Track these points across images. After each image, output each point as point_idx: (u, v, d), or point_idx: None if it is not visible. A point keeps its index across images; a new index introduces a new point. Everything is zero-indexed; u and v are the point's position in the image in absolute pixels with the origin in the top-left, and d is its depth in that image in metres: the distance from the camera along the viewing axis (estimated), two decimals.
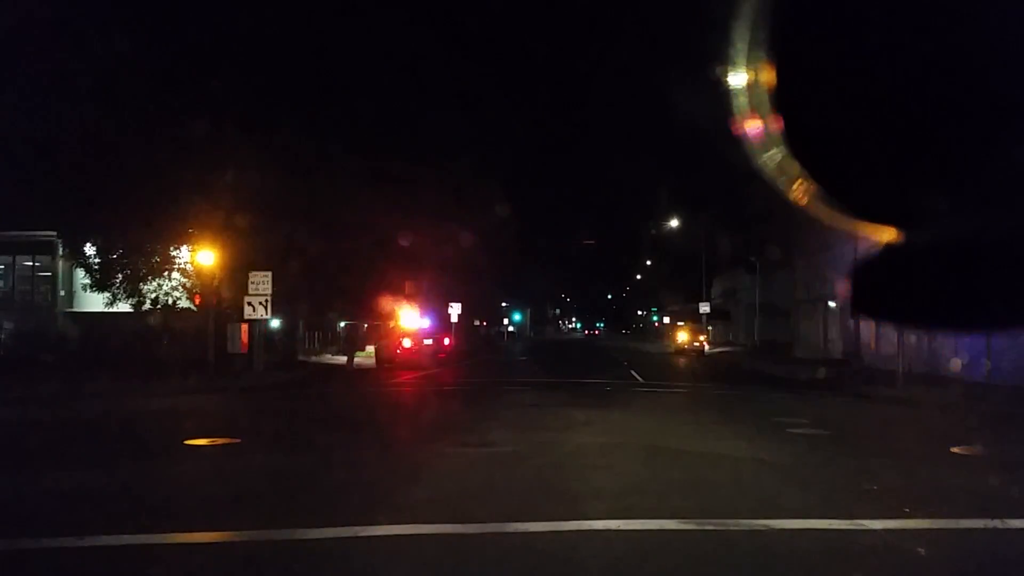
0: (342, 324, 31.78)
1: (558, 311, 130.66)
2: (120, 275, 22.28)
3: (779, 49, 0.99)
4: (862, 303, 1.18)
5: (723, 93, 1.10)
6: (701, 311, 42.81)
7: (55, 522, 5.62)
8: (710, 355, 37.63)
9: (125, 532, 5.27)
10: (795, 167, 1.03)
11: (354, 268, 23.95)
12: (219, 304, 19.02)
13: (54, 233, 24.93)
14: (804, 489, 6.88)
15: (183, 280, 22.85)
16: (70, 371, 18.90)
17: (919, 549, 5.12)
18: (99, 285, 22.55)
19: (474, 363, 29.59)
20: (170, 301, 22.72)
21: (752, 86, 1.03)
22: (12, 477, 7.20)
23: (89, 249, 22.87)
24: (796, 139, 1.02)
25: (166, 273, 22.71)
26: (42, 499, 6.33)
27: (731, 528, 5.39)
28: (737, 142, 1.10)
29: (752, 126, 1.06)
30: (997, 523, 5.58)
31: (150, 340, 22.48)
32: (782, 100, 1.00)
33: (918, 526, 5.65)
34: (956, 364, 19.29)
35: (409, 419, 13.28)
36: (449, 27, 38.05)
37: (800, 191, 1.06)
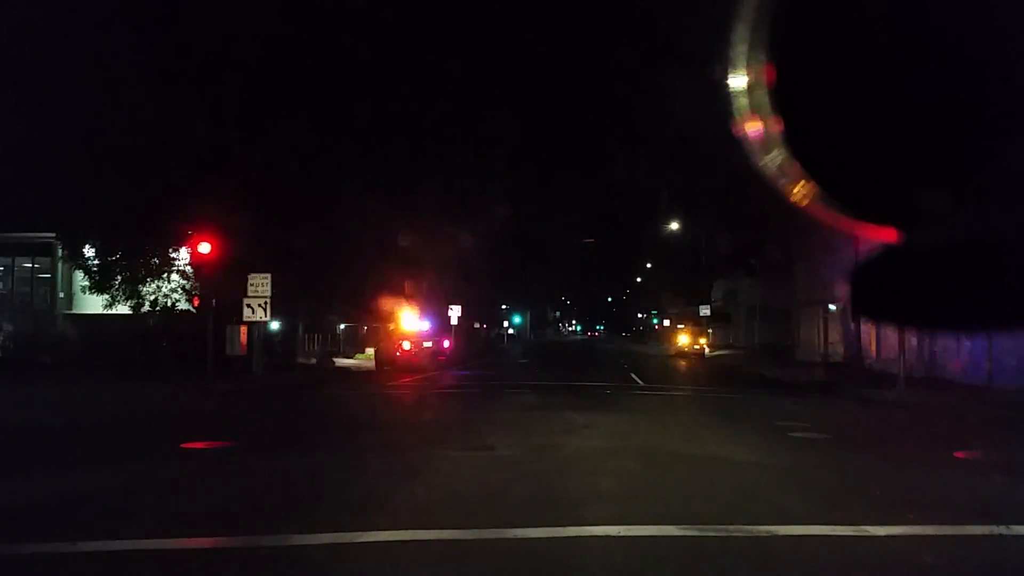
0: (342, 326, 31.76)
1: (558, 314, 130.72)
2: (119, 277, 22.27)
3: (779, 51, 0.99)
4: (863, 305, 1.17)
5: (724, 95, 1.08)
6: (701, 314, 42.80)
7: (49, 526, 5.57)
8: (710, 358, 37.61)
9: (119, 537, 5.22)
10: (795, 168, 1.02)
11: (354, 270, 23.94)
12: (218, 306, 18.99)
13: (53, 235, 24.92)
14: (806, 494, 6.83)
15: (182, 282, 22.86)
16: (69, 373, 18.90)
17: (924, 556, 5.08)
18: (98, 287, 22.54)
19: (474, 365, 29.56)
20: (169, 303, 22.72)
21: (752, 87, 1.03)
22: (6, 480, 7.16)
23: (88, 251, 22.86)
24: (796, 140, 1.01)
25: (165, 275, 22.72)
26: (36, 503, 6.28)
27: (733, 534, 5.34)
28: (737, 144, 1.09)
29: (752, 128, 1.05)
30: (1003, 529, 5.53)
31: (149, 342, 22.46)
32: (782, 101, 0.99)
33: (922, 532, 5.60)
34: (957, 367, 19.25)
35: (408, 422, 13.24)
36: (450, 27, 38.07)
37: (800, 192, 1.05)
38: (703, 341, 40.12)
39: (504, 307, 65.66)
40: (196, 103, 19.54)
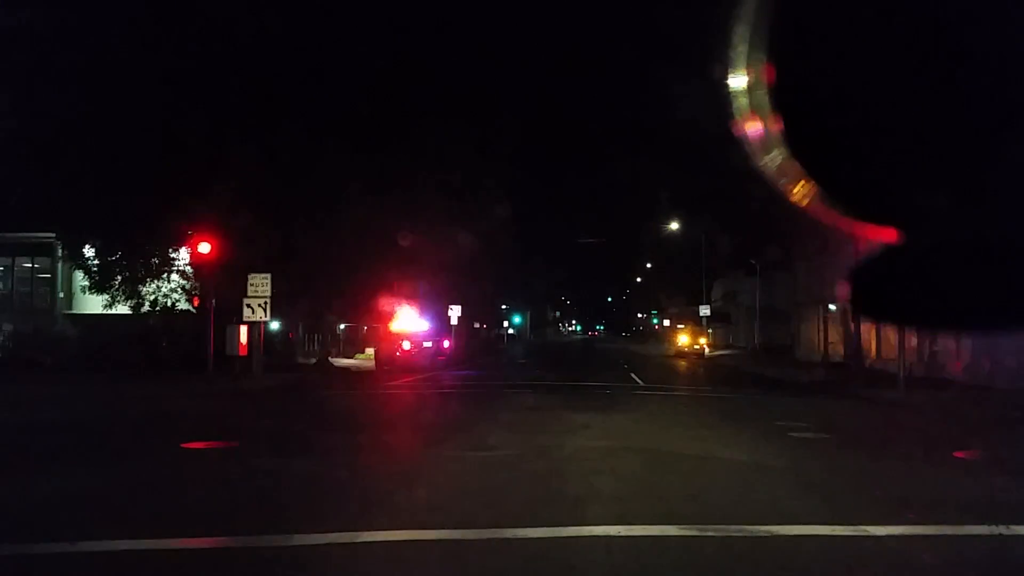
0: (342, 326, 31.75)
1: (558, 313, 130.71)
2: (119, 277, 22.29)
3: (779, 50, 0.98)
4: (863, 305, 1.17)
5: (723, 94, 1.08)
6: (701, 314, 42.81)
7: (49, 526, 5.57)
8: (710, 358, 37.64)
9: (120, 537, 5.22)
10: (795, 168, 1.02)
11: (354, 270, 23.94)
12: (218, 306, 18.99)
13: (53, 235, 24.93)
14: (806, 494, 6.83)
15: (182, 282, 22.87)
16: (68, 373, 18.89)
17: (923, 556, 5.08)
18: (98, 287, 22.56)
19: (474, 365, 29.55)
20: (169, 303, 22.73)
21: (752, 87, 1.02)
22: (6, 480, 7.15)
23: (88, 251, 22.88)
24: (796, 140, 1.00)
25: (165, 275, 22.73)
26: (36, 503, 6.28)
27: (733, 534, 5.34)
28: (737, 143, 1.08)
29: (752, 127, 1.05)
30: (1002, 529, 5.53)
31: (149, 342, 22.46)
32: (782, 101, 0.99)
33: (922, 532, 5.61)
34: (957, 367, 19.25)
35: (408, 422, 13.24)
36: (450, 27, 38.09)
37: (800, 192, 1.04)
38: (703, 341, 40.14)
39: (504, 307, 65.62)
40: (196, 103, 19.55)
